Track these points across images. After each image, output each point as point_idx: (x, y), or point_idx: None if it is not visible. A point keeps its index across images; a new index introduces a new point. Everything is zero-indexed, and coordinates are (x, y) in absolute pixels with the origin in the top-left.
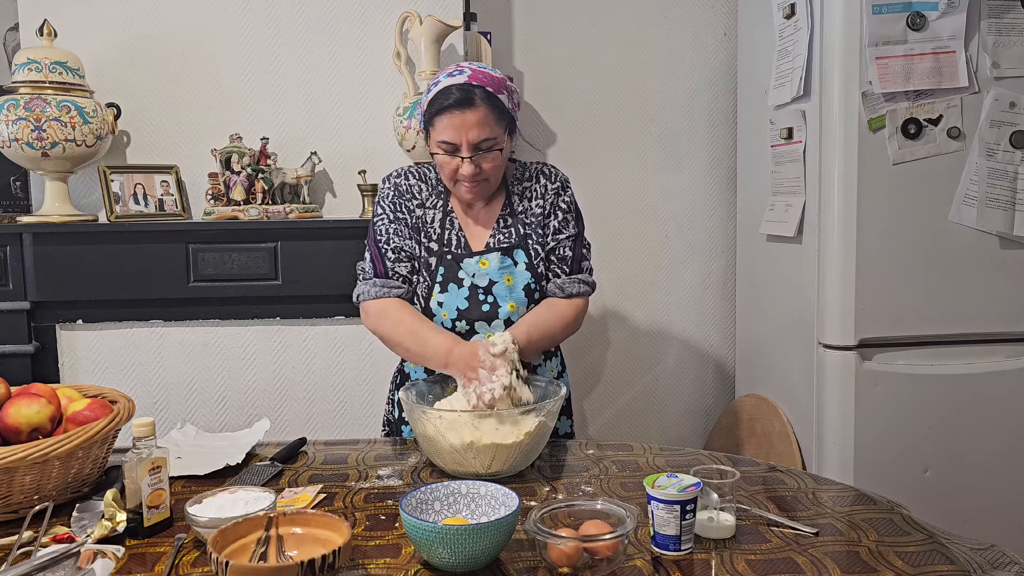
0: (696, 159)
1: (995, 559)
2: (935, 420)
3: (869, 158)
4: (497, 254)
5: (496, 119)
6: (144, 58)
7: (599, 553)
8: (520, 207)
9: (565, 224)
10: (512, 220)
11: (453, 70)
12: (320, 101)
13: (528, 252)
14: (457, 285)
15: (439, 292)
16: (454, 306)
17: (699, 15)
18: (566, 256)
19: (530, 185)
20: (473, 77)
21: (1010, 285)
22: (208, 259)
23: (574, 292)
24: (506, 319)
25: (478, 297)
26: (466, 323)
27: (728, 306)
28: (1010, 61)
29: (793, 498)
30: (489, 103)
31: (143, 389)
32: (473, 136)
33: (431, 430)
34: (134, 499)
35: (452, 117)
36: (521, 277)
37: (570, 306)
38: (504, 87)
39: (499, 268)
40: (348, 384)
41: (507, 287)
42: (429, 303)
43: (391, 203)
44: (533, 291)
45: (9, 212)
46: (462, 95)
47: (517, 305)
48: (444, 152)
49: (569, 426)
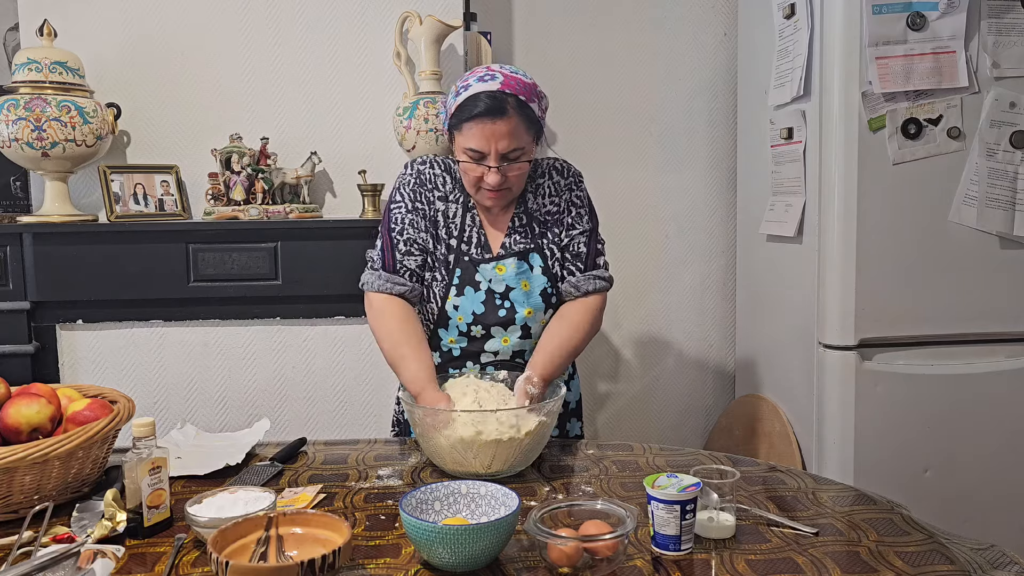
0: (696, 159)
1: (995, 559)
2: (935, 420)
3: (869, 158)
4: (514, 259)
5: (526, 128)
6: (144, 58)
7: (599, 553)
8: (534, 205)
9: (579, 219)
10: (527, 219)
11: (484, 74)
12: (320, 101)
13: (543, 254)
14: (474, 288)
15: (455, 295)
16: (470, 310)
17: (699, 15)
18: (580, 252)
19: (543, 182)
20: (506, 84)
21: (1010, 285)
22: (208, 259)
23: (590, 289)
24: (523, 324)
25: (495, 302)
26: (482, 328)
27: (728, 306)
28: (1010, 61)
29: (793, 498)
30: (520, 113)
31: (143, 389)
32: (503, 146)
33: (431, 429)
34: (134, 499)
35: (483, 126)
36: (538, 282)
37: (585, 309)
38: (535, 94)
39: (516, 274)
40: (348, 384)
41: (524, 292)
42: (445, 305)
43: (411, 191)
44: (550, 295)
45: (9, 212)
46: (494, 104)
47: (534, 310)
48: (470, 159)
49: (579, 428)
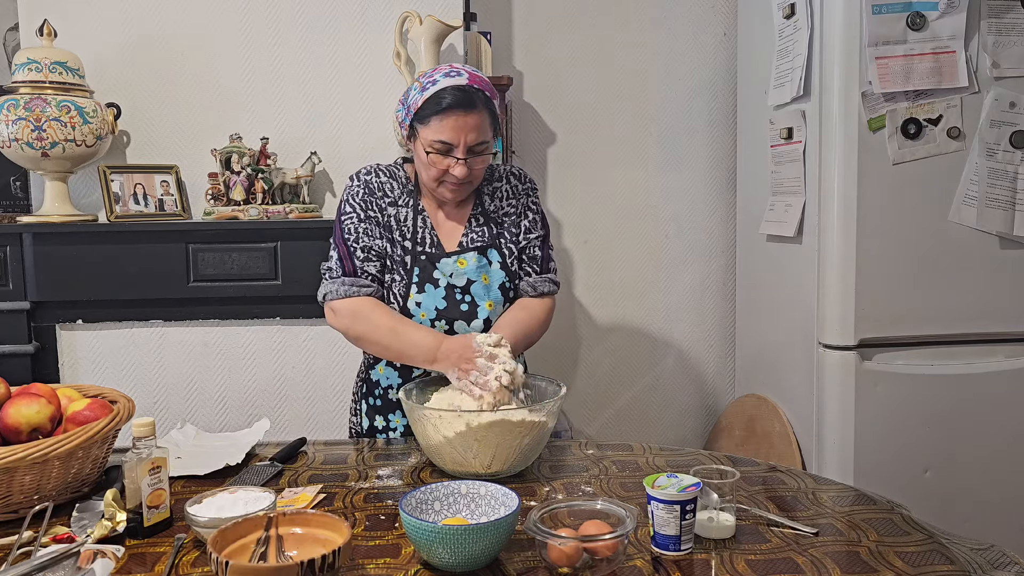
0: (696, 159)
1: (995, 559)
2: (935, 420)
3: (869, 158)
4: (474, 253)
5: (490, 124)
6: (144, 58)
7: (599, 553)
8: (492, 206)
9: (535, 225)
10: (484, 219)
11: (450, 71)
12: (320, 101)
13: (501, 251)
14: (433, 285)
15: (416, 292)
16: (432, 306)
17: (699, 15)
18: (536, 255)
19: (500, 186)
20: (473, 80)
21: (1010, 285)
22: (208, 259)
23: (544, 291)
24: (485, 318)
25: (455, 297)
26: (446, 323)
27: (728, 306)
28: (1010, 61)
29: (793, 498)
30: (487, 108)
31: (143, 389)
32: (471, 139)
33: (431, 429)
34: (134, 499)
35: (455, 118)
36: (496, 276)
37: (542, 306)
38: (494, 92)
39: (477, 267)
40: (348, 384)
41: (484, 286)
42: (407, 303)
43: (361, 201)
44: (508, 289)
45: (9, 212)
46: (465, 97)
47: (495, 304)
48: (437, 152)
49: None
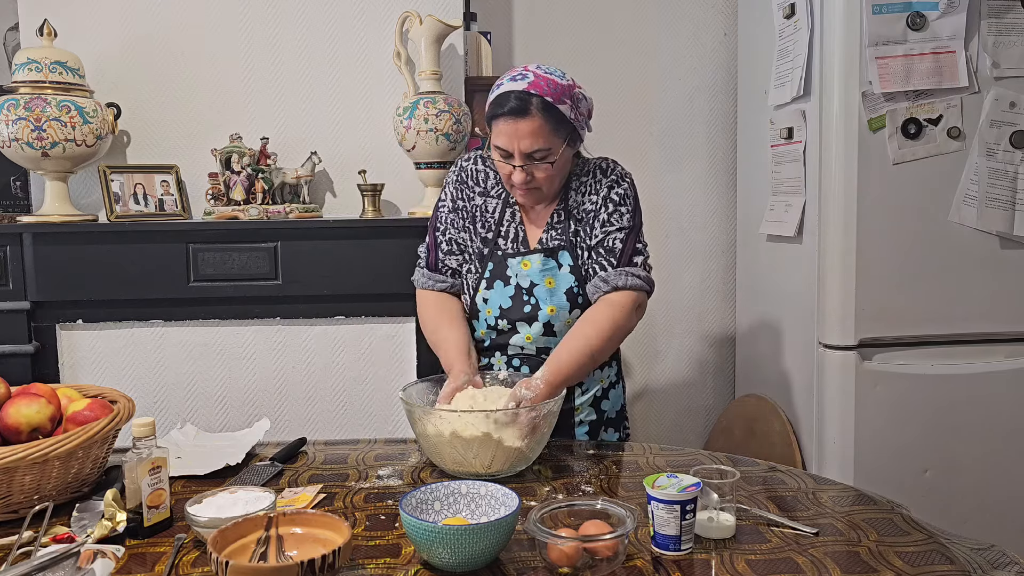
0: (696, 159)
1: (995, 559)
2: (935, 420)
3: (869, 158)
4: (540, 255)
5: (552, 129)
6: (144, 58)
7: (599, 553)
8: (574, 202)
9: (618, 216)
10: (565, 216)
11: (517, 74)
12: (320, 101)
13: (574, 252)
14: (503, 283)
15: (485, 288)
16: (498, 304)
17: (699, 15)
18: (614, 248)
19: (586, 180)
20: (534, 84)
21: (1010, 285)
22: (208, 259)
23: (619, 284)
24: (545, 322)
25: (522, 297)
26: (507, 322)
27: (728, 306)
28: (1010, 61)
29: (793, 498)
30: (545, 114)
31: (143, 389)
32: (525, 146)
33: (431, 430)
34: (134, 499)
35: (506, 124)
36: (564, 280)
37: (609, 310)
38: (568, 96)
39: (541, 270)
40: (348, 384)
41: (548, 290)
42: (476, 297)
43: (455, 188)
44: (576, 295)
45: (9, 212)
46: (517, 104)
47: (558, 309)
48: (499, 157)
49: (617, 439)
